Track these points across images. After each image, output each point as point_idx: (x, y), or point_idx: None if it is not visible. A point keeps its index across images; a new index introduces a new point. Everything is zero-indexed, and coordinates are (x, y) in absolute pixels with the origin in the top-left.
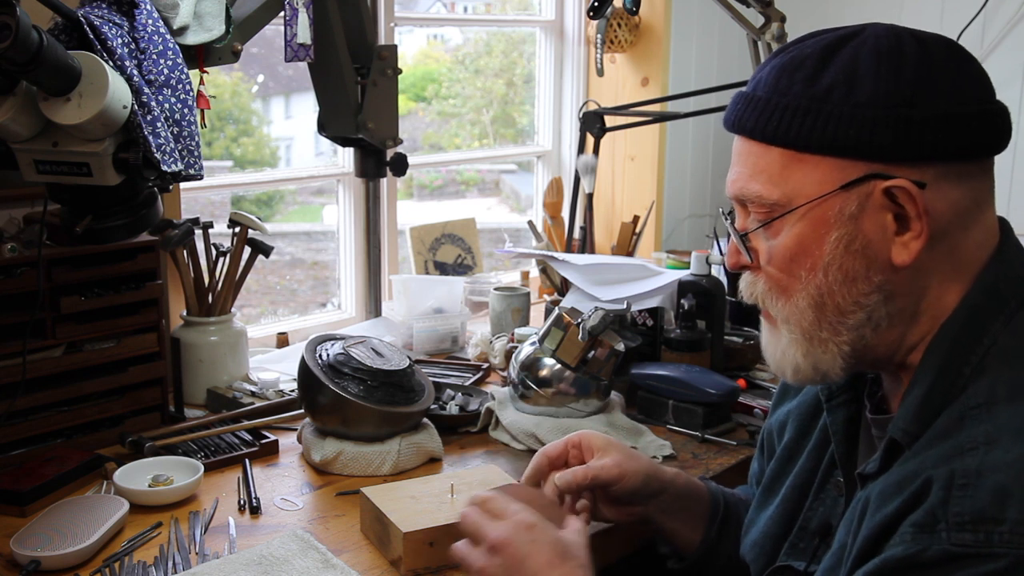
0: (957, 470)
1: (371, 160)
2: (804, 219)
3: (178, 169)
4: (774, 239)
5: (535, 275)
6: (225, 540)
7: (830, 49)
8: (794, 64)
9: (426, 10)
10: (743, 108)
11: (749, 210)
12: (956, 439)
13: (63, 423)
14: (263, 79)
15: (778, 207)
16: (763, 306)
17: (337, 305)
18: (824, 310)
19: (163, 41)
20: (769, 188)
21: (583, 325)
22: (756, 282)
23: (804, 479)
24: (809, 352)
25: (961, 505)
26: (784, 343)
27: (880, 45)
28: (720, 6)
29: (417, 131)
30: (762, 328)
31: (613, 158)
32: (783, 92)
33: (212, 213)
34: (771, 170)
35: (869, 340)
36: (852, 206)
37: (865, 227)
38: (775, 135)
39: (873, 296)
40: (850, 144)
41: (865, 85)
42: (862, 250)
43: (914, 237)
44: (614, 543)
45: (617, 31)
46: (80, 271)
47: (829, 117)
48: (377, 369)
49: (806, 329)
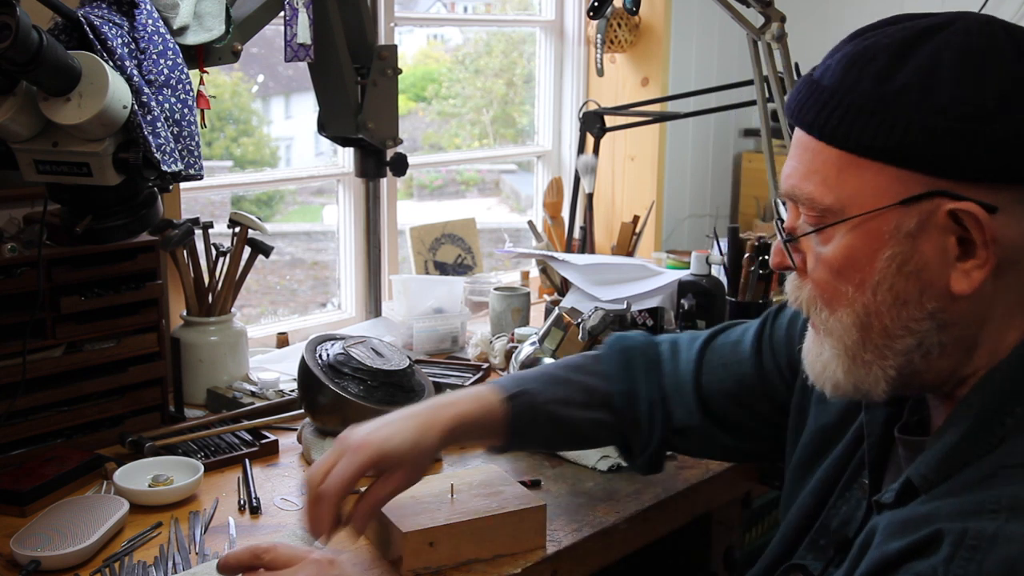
0: (971, 529)
1: (371, 160)
2: (857, 230)
3: (178, 169)
4: (824, 246)
5: (535, 275)
6: (225, 540)
7: (910, 43)
8: (867, 56)
9: (426, 10)
10: (806, 96)
11: (800, 210)
12: (979, 496)
13: (63, 423)
14: (263, 79)
15: (830, 213)
16: (807, 313)
17: (337, 305)
18: (870, 331)
19: (163, 41)
20: (823, 191)
21: (583, 325)
22: (802, 287)
23: (835, 472)
24: (851, 370)
25: (965, 569)
26: (827, 356)
27: (969, 44)
28: (720, 6)
29: (417, 131)
30: (808, 334)
31: (613, 158)
32: (850, 87)
33: (212, 213)
34: (827, 171)
35: (918, 366)
36: (911, 224)
37: (923, 248)
38: (835, 134)
39: (925, 323)
40: (916, 155)
41: (943, 90)
42: (917, 272)
43: (978, 266)
44: (614, 543)
45: (617, 31)
46: (80, 271)
47: (896, 122)
48: (377, 369)
49: (849, 347)
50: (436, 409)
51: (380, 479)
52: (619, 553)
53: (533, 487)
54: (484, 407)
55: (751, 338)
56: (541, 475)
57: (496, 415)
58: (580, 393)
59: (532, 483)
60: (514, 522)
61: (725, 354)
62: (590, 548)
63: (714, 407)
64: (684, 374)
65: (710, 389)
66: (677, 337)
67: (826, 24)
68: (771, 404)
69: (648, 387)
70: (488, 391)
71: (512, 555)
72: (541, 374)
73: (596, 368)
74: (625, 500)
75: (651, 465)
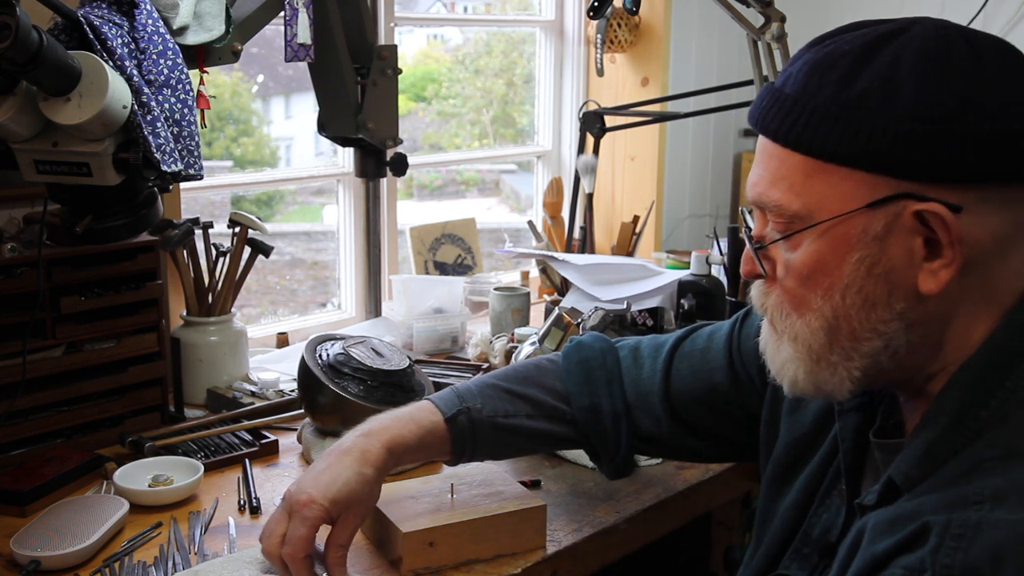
0: (956, 519)
1: (371, 160)
2: (825, 236)
3: (178, 169)
4: (792, 252)
5: (535, 275)
6: (225, 540)
7: (870, 48)
8: (828, 62)
9: (426, 10)
10: (768, 104)
11: (768, 218)
12: (962, 489)
13: (63, 423)
14: (263, 79)
15: (798, 220)
16: (770, 319)
17: (337, 305)
18: (838, 334)
19: (163, 41)
20: (790, 198)
21: (583, 325)
22: (768, 293)
23: (814, 482)
24: (812, 372)
25: (952, 557)
26: (785, 355)
27: (927, 48)
28: (720, 6)
29: (417, 131)
30: (763, 329)
31: (613, 158)
32: (812, 94)
33: (212, 213)
34: (793, 178)
35: (885, 366)
36: (878, 226)
37: (891, 250)
38: (799, 141)
39: (893, 324)
40: (881, 159)
41: (904, 94)
42: (885, 274)
43: (944, 265)
44: (614, 543)
45: (617, 31)
46: (80, 271)
47: (860, 127)
48: (377, 369)
49: (815, 351)
50: (368, 438)
51: (338, 524)
52: (619, 553)
53: (533, 487)
54: (422, 428)
55: (722, 345)
56: (541, 475)
57: (437, 434)
58: (530, 407)
59: (532, 483)
60: (514, 522)
61: (695, 361)
62: (590, 548)
63: (685, 415)
64: (649, 383)
65: (680, 398)
66: (638, 342)
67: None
68: (744, 411)
69: (611, 401)
70: (426, 411)
71: (512, 555)
72: (482, 386)
73: (551, 383)
74: (625, 500)
75: (619, 471)
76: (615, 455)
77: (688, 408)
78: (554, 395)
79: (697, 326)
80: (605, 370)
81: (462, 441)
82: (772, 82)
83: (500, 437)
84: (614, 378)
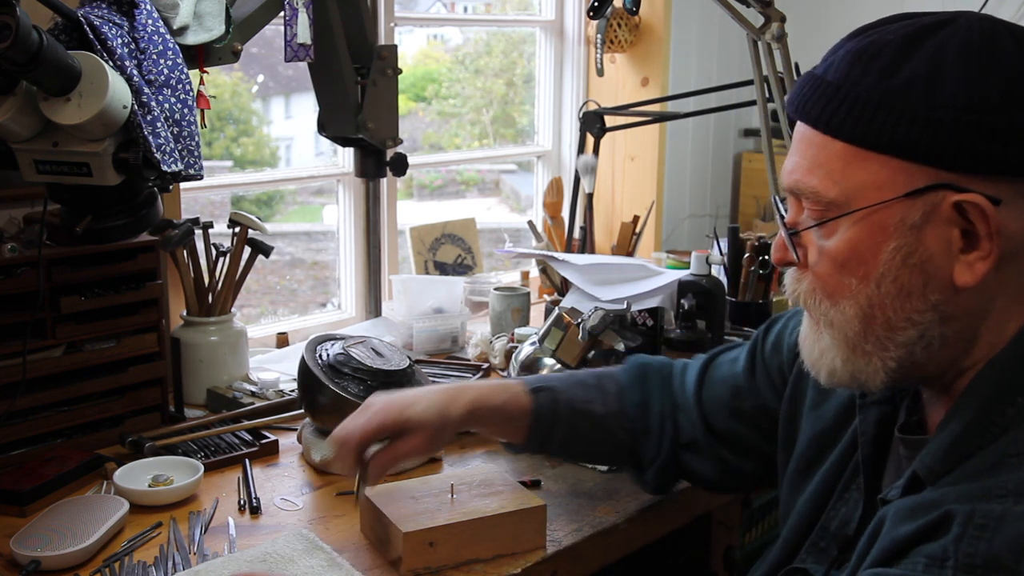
0: (979, 510)
1: (371, 160)
2: (862, 223)
3: (178, 169)
4: (827, 240)
5: (535, 275)
6: (225, 540)
7: (914, 38)
8: (872, 51)
9: (426, 10)
10: (810, 92)
11: (804, 205)
12: (986, 482)
13: (63, 423)
14: (263, 79)
15: (835, 207)
16: (804, 306)
17: (337, 305)
18: (872, 323)
19: (163, 41)
20: (827, 185)
21: (583, 325)
22: (801, 280)
23: (833, 476)
24: (850, 360)
25: (975, 547)
26: (825, 343)
27: (971, 40)
28: (720, 6)
29: (417, 131)
30: (804, 321)
31: (613, 158)
32: (855, 82)
33: (212, 213)
34: (832, 165)
35: (919, 358)
36: (916, 216)
37: (927, 240)
38: (840, 128)
39: (928, 315)
40: (922, 148)
41: (948, 84)
42: (921, 265)
43: (981, 257)
44: (614, 543)
45: (617, 31)
46: (80, 271)
47: (902, 115)
48: (377, 369)
49: (850, 338)
50: (461, 388)
51: (400, 439)
52: (619, 553)
53: (533, 487)
54: (509, 394)
55: (746, 354)
56: (541, 475)
57: (520, 404)
58: (600, 396)
59: (532, 483)
60: (514, 522)
61: (723, 371)
62: (590, 548)
63: (713, 421)
64: (689, 389)
65: (710, 403)
66: (689, 360)
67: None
68: (767, 417)
69: (660, 400)
70: (513, 382)
71: (512, 555)
72: (566, 376)
73: (616, 378)
74: (625, 500)
75: (660, 480)
76: (656, 456)
77: (717, 414)
78: (617, 393)
79: (735, 344)
80: (660, 375)
81: (541, 418)
82: (812, 70)
83: (575, 422)
84: (666, 383)
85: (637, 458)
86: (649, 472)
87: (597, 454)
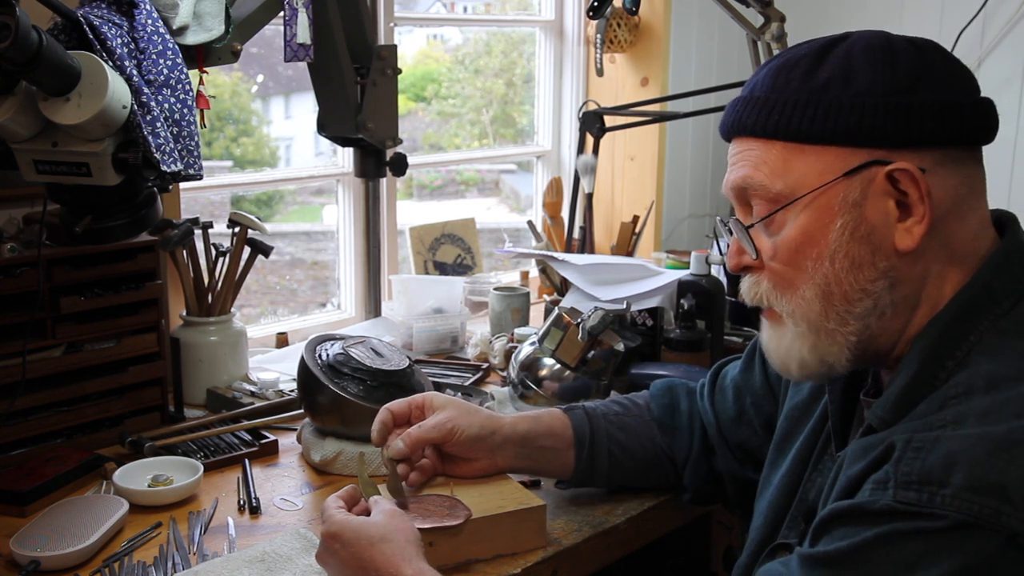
0: (916, 436)
1: (371, 160)
2: (808, 208)
3: (178, 169)
4: (777, 234)
5: (535, 275)
6: (224, 540)
7: (822, 50)
8: (790, 64)
9: (426, 10)
10: (741, 109)
11: (752, 205)
12: (926, 419)
13: (63, 423)
14: (263, 79)
15: (782, 197)
16: (767, 304)
17: (337, 305)
18: (832, 299)
19: (163, 41)
20: (772, 179)
21: (583, 325)
22: (759, 282)
23: (807, 448)
24: (816, 345)
25: (911, 465)
26: (789, 338)
27: (872, 43)
28: (720, 6)
29: (417, 131)
30: (763, 327)
31: (613, 158)
32: (781, 89)
33: (212, 213)
34: (774, 163)
35: (874, 329)
36: (855, 193)
37: (868, 213)
38: (776, 129)
39: (879, 283)
40: (851, 132)
41: (862, 77)
42: (867, 236)
43: (917, 222)
44: (614, 543)
45: (617, 31)
46: (80, 271)
47: (829, 107)
48: (377, 369)
49: (813, 321)
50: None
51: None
52: (619, 553)
53: (533, 487)
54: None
55: (745, 358)
56: None
57: (556, 416)
58: (631, 406)
59: (532, 483)
60: (514, 522)
61: (728, 378)
62: (590, 548)
63: (722, 426)
64: (705, 397)
65: (717, 408)
66: None
67: (826, 24)
68: (763, 421)
69: (687, 403)
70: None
71: (512, 555)
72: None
73: (642, 395)
74: (625, 500)
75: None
76: (688, 454)
77: (724, 421)
78: (646, 404)
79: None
80: (686, 387)
81: (582, 430)
82: (738, 96)
83: (612, 431)
84: (691, 393)
85: (672, 460)
86: (686, 472)
87: (637, 460)
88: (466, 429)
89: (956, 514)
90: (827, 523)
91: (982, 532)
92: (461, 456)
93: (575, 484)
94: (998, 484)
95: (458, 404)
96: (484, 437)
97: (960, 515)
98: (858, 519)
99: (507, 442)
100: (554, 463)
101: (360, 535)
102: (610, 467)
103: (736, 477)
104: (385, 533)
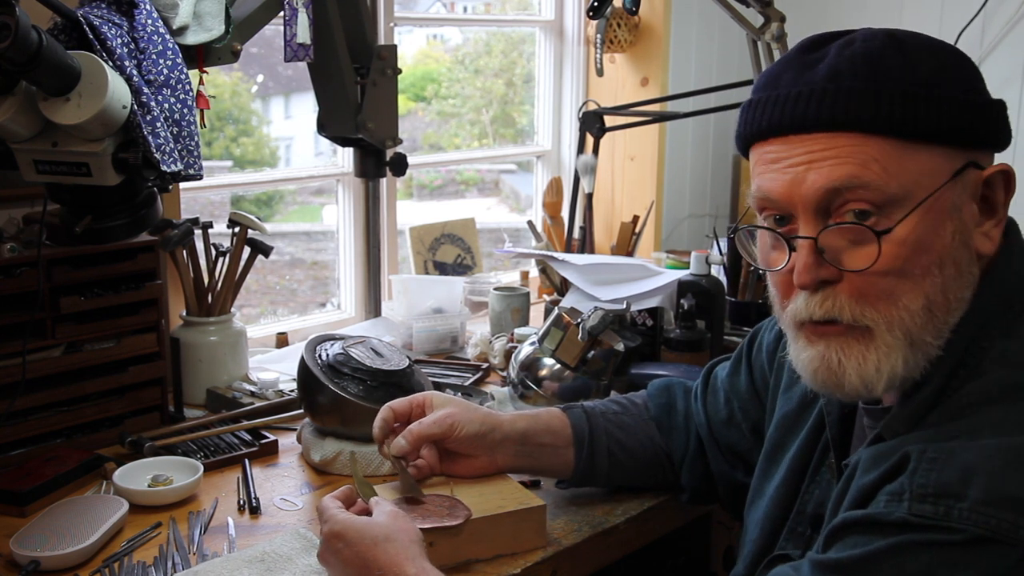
0: (931, 447)
1: (371, 160)
2: (927, 212)
3: (177, 169)
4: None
5: (535, 275)
6: (224, 540)
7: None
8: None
9: (426, 10)
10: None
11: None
12: (940, 429)
13: (63, 423)
14: (263, 79)
15: (895, 200)
16: (848, 319)
17: (337, 305)
18: (935, 310)
19: (163, 41)
20: (887, 179)
21: (583, 325)
22: (836, 294)
23: (802, 459)
24: (908, 359)
25: (927, 478)
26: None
27: (923, 39)
28: (720, 6)
29: (417, 131)
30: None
31: (613, 158)
32: (883, 80)
33: (212, 213)
34: (885, 161)
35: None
36: (959, 196)
37: (966, 218)
38: (889, 122)
39: (968, 290)
40: (955, 131)
41: (945, 72)
42: (966, 242)
43: (995, 224)
44: (614, 543)
45: (617, 31)
46: (80, 271)
47: (940, 103)
48: (377, 369)
49: (913, 333)
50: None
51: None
52: (619, 553)
53: (533, 487)
54: (542, 411)
55: (732, 362)
56: None
57: (557, 416)
58: (629, 405)
59: (532, 483)
60: (514, 522)
61: (718, 381)
62: (590, 548)
63: (713, 427)
64: (698, 397)
65: (709, 410)
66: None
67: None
68: (750, 425)
69: (683, 402)
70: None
71: (512, 555)
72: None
73: (640, 394)
74: (625, 500)
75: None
76: (685, 452)
77: (715, 422)
78: (643, 403)
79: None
80: (683, 387)
81: (581, 429)
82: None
83: (611, 429)
84: (687, 392)
85: (670, 458)
86: (683, 471)
87: (637, 459)
88: (466, 425)
89: (974, 528)
90: (839, 531)
91: (999, 547)
92: (461, 453)
93: (575, 484)
94: (1016, 497)
95: (458, 402)
96: (484, 434)
97: (978, 529)
98: (871, 529)
99: (507, 439)
100: (554, 461)
101: (364, 534)
102: (610, 466)
103: (727, 479)
104: (388, 533)
